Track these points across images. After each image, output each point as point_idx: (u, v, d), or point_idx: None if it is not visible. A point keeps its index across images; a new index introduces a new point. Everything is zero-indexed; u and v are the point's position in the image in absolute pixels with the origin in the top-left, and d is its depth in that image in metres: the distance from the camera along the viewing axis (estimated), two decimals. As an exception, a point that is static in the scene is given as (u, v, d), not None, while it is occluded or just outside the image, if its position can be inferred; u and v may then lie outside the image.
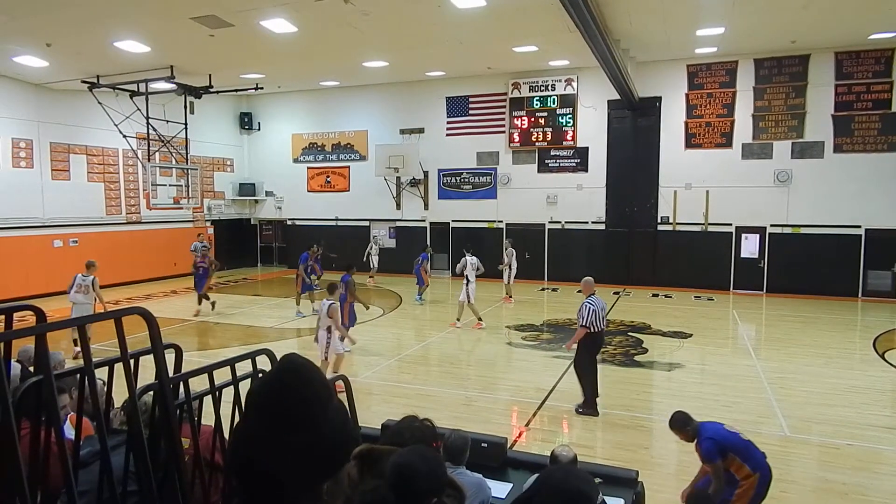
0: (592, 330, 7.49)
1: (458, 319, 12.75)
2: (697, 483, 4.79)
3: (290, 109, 22.07)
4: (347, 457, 1.30)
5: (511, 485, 4.10)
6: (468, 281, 12.60)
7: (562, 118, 18.22)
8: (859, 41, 14.82)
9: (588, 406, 7.54)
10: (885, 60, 15.24)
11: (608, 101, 17.54)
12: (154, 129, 16.14)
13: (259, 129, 22.70)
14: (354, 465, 1.29)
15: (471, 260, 12.88)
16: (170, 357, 2.11)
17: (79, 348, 9.23)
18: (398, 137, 20.34)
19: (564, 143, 18.26)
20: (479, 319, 12.60)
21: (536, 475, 3.49)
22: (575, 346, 7.66)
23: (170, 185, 17.89)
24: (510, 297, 15.72)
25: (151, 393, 2.10)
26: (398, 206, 20.71)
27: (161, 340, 1.95)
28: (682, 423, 4.71)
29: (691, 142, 17.10)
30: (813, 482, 5.86)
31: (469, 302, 12.60)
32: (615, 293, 16.64)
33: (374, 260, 19.26)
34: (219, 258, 21.67)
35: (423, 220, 20.36)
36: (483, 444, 4.30)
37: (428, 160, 19.87)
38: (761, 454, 4.46)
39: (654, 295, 16.49)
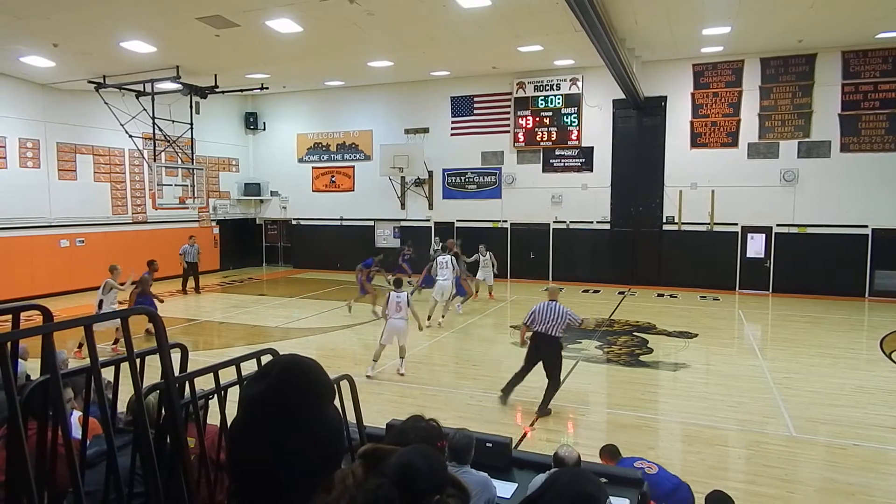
0: (534, 329, 7.78)
1: (440, 316, 12.86)
2: None
3: (295, 109, 22.11)
4: (342, 456, 1.31)
5: (516, 485, 4.10)
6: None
7: (567, 118, 18.18)
8: (866, 40, 14.74)
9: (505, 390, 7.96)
10: (893, 59, 15.15)
11: (613, 101, 17.50)
12: (160, 130, 16.21)
13: (264, 129, 22.75)
14: (359, 465, 1.29)
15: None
16: (175, 356, 2.11)
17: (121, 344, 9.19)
18: (403, 137, 20.35)
19: (569, 142, 18.22)
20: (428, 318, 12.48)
21: (542, 475, 3.49)
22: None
23: (175, 185, 17.97)
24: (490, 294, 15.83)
25: (157, 392, 2.11)
26: (403, 205, 20.72)
27: (167, 340, 1.96)
28: (611, 454, 5.00)
29: (697, 141, 17.05)
30: (819, 482, 5.84)
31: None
32: (620, 293, 16.60)
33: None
34: (224, 258, 21.86)
35: (428, 220, 20.37)
36: (488, 444, 4.30)
37: (432, 160, 19.88)
38: (672, 485, 4.48)
39: (660, 295, 16.45)
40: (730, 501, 4.54)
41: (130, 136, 16.37)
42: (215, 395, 2.27)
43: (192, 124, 17.05)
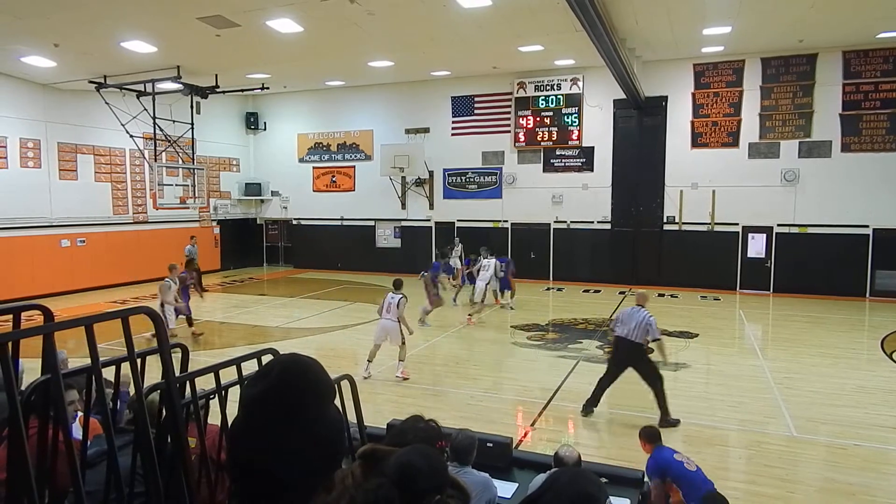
0: (617, 334, 7.39)
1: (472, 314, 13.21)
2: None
3: (295, 109, 22.12)
4: (342, 456, 1.31)
5: (517, 485, 4.10)
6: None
7: (567, 118, 18.18)
8: (867, 40, 14.73)
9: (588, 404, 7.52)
10: (894, 59, 15.14)
11: (614, 101, 17.49)
12: (161, 129, 16.21)
13: (265, 129, 22.75)
14: (358, 465, 1.29)
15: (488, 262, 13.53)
16: (176, 356, 2.12)
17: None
18: (403, 137, 20.36)
19: (570, 142, 18.22)
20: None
21: (542, 475, 3.49)
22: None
23: (176, 185, 17.97)
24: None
25: (158, 392, 2.11)
26: (403, 205, 20.72)
27: (167, 340, 1.96)
28: (649, 437, 4.96)
29: (698, 141, 17.04)
30: (820, 482, 5.83)
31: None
32: (620, 293, 16.59)
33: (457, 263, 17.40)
34: (225, 258, 21.87)
35: (429, 220, 20.38)
36: (488, 444, 4.31)
37: (433, 160, 19.87)
38: (703, 487, 4.43)
39: (660, 295, 16.43)
40: (724, 502, 4.54)
41: (131, 136, 16.38)
42: (216, 395, 2.27)
43: (192, 124, 17.05)
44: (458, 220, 19.90)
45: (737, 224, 16.85)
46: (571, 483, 1.55)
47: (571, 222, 18.48)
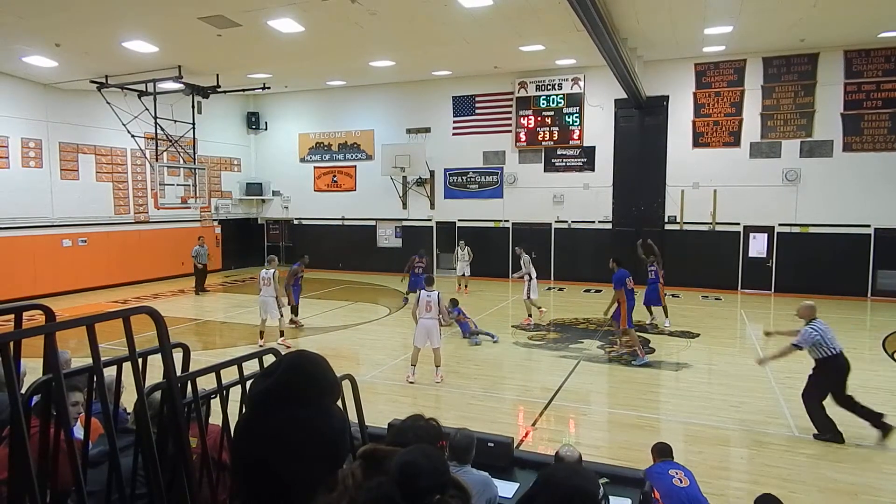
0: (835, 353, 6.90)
1: (531, 316, 12.97)
2: None
3: (296, 109, 22.13)
4: (345, 455, 1.31)
5: (518, 484, 4.10)
6: (529, 278, 12.85)
7: (568, 117, 18.17)
8: (869, 39, 14.71)
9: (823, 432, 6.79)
10: (895, 59, 15.13)
11: (615, 100, 17.48)
12: (162, 129, 16.22)
13: (266, 129, 22.77)
14: (359, 465, 1.29)
15: (526, 258, 13.24)
16: (177, 356, 2.12)
17: (262, 341, 9.79)
18: (404, 137, 20.36)
19: (571, 142, 18.22)
20: (529, 315, 12.99)
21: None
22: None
23: (177, 185, 17.98)
24: (466, 287, 17.06)
25: (159, 392, 2.12)
26: (404, 205, 20.73)
27: (169, 339, 1.96)
28: (658, 452, 4.89)
29: (699, 141, 17.03)
30: (821, 482, 5.82)
31: (527, 297, 12.88)
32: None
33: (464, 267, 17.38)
34: (226, 257, 21.88)
35: (430, 220, 20.38)
36: (489, 444, 4.30)
37: (434, 159, 19.87)
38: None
39: (662, 294, 16.42)
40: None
41: (132, 136, 16.40)
42: (217, 395, 2.27)
43: (193, 124, 17.05)
44: (459, 220, 19.90)
45: (738, 224, 16.83)
46: (566, 479, 1.55)
47: (572, 222, 18.48)
